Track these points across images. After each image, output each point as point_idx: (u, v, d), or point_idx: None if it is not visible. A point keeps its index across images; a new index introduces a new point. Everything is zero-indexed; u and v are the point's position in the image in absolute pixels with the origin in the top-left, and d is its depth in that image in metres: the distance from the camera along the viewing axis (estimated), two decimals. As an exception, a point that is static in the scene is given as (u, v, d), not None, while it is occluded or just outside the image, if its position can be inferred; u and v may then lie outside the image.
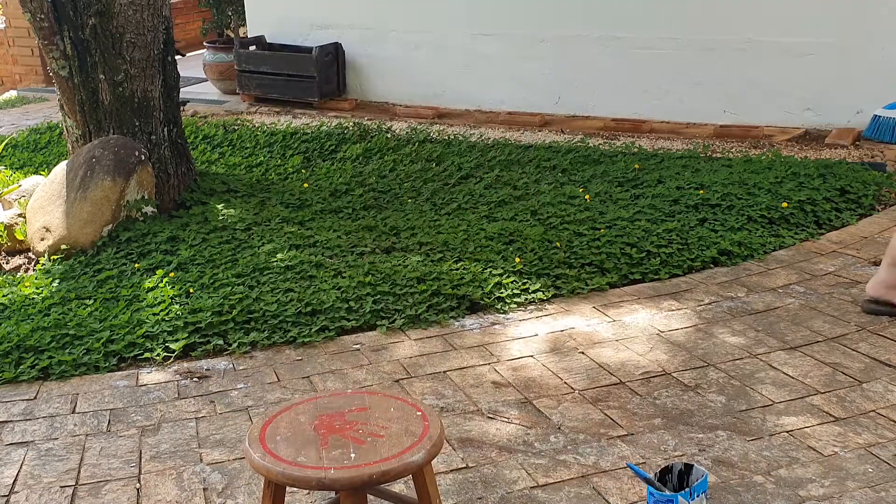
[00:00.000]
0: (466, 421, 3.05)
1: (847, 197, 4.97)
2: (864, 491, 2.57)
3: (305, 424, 2.11)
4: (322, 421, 2.12)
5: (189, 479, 2.78)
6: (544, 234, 4.46)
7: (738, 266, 4.28)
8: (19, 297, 4.09)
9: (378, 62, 7.77)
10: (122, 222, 4.77)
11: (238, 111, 7.87)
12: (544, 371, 3.38)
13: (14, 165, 6.48)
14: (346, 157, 6.24)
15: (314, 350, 3.64)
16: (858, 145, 5.90)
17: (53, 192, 4.84)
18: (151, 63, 5.04)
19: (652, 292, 4.04)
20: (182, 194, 5.25)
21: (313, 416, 2.15)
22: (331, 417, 2.13)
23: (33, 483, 2.79)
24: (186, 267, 4.34)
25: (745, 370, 3.31)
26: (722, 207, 4.79)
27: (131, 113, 5.03)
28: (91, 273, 4.36)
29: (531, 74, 7.13)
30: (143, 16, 4.94)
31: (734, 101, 6.40)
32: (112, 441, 3.02)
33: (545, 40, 7.02)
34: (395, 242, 4.58)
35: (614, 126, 6.70)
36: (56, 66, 4.97)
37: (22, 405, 3.29)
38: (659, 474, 2.32)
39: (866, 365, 3.30)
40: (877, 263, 4.21)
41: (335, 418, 2.13)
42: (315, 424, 2.11)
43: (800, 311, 3.78)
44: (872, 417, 2.96)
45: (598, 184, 5.31)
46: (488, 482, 2.70)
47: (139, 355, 3.62)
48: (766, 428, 2.92)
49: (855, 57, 6.01)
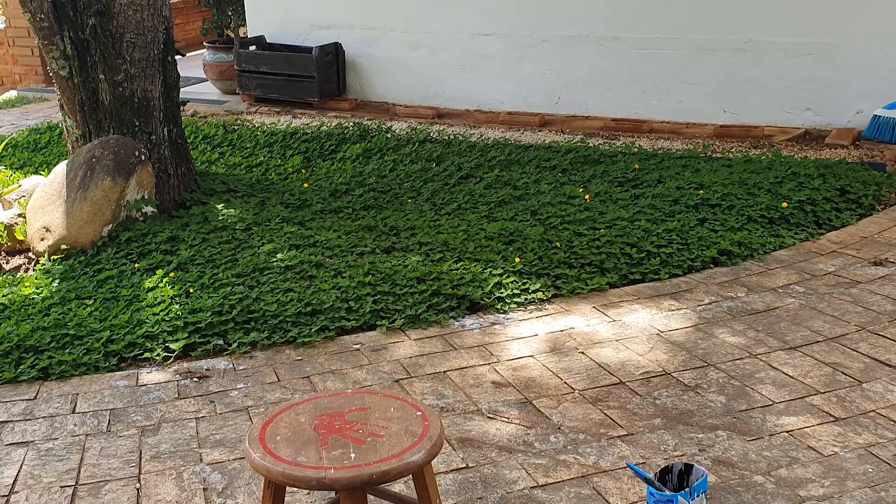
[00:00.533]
0: (466, 421, 3.05)
1: (847, 197, 4.97)
2: (863, 491, 2.57)
3: (305, 424, 2.11)
4: (322, 421, 2.12)
5: (189, 479, 2.79)
6: (544, 234, 4.46)
7: (738, 266, 4.28)
8: (19, 297, 4.09)
9: (378, 62, 7.77)
10: (122, 222, 4.77)
11: (238, 111, 7.87)
12: (544, 371, 3.38)
13: (14, 165, 6.48)
14: (346, 157, 6.24)
15: (314, 350, 3.64)
16: (858, 145, 5.90)
17: (53, 192, 4.84)
18: (151, 63, 5.04)
19: (652, 292, 4.04)
20: (182, 194, 5.25)
21: (313, 416, 2.15)
22: (331, 417, 2.13)
23: (33, 483, 2.79)
24: (186, 267, 4.34)
25: (745, 370, 3.31)
26: (722, 207, 4.79)
27: (131, 113, 5.03)
28: (91, 273, 4.36)
29: (531, 74, 7.13)
30: (143, 16, 4.94)
31: (734, 101, 6.40)
32: (112, 441, 3.02)
33: (545, 40, 7.03)
34: (395, 242, 4.58)
35: (614, 126, 6.70)
36: (56, 66, 4.97)
37: (22, 405, 3.29)
38: (659, 474, 2.32)
39: (866, 365, 3.30)
40: (877, 263, 4.21)
41: (335, 418, 2.13)
42: (315, 424, 2.11)
43: (800, 311, 3.78)
44: (872, 417, 2.96)
45: (598, 184, 5.31)
46: (488, 482, 2.70)
47: (139, 355, 3.62)
48: (766, 428, 2.92)
49: (855, 57, 6.01)
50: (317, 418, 2.13)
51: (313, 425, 2.10)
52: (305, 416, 2.15)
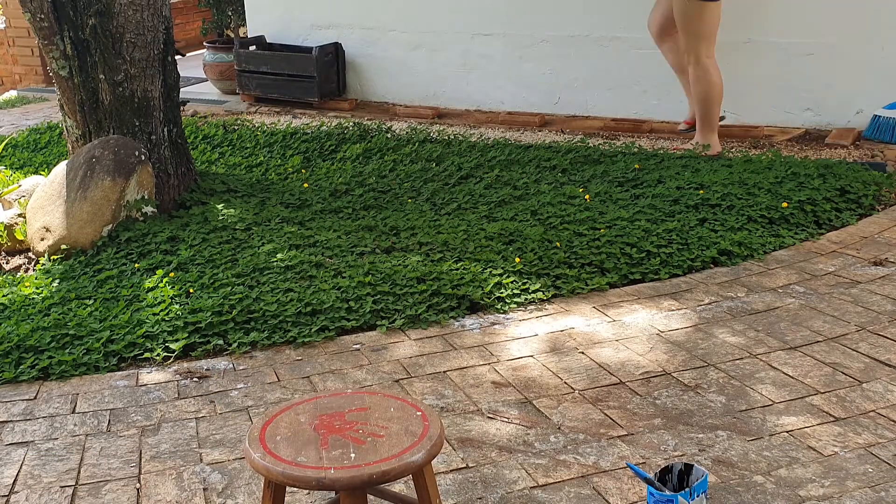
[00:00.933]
0: (466, 421, 3.05)
1: (847, 197, 4.97)
2: (864, 491, 2.57)
3: (305, 424, 2.11)
4: (322, 421, 2.12)
5: (189, 479, 2.78)
6: (544, 234, 4.46)
7: (738, 266, 4.28)
8: (19, 297, 4.09)
9: (378, 62, 7.77)
10: (122, 222, 4.77)
11: (238, 111, 7.87)
12: (544, 371, 3.38)
13: (14, 165, 6.48)
14: (346, 157, 6.24)
15: (314, 350, 3.64)
16: (858, 145, 5.90)
17: (53, 192, 4.84)
18: (151, 63, 5.04)
19: (652, 292, 4.04)
20: (182, 194, 5.25)
21: (313, 416, 2.15)
22: (331, 417, 2.13)
23: (33, 483, 2.79)
24: (186, 267, 4.34)
25: (745, 370, 3.31)
26: (722, 207, 4.79)
27: (131, 113, 5.03)
28: (91, 273, 4.36)
29: (531, 74, 7.13)
30: (143, 16, 4.94)
31: (734, 101, 6.39)
32: (112, 441, 3.02)
33: (545, 40, 7.02)
34: (395, 242, 4.58)
35: (614, 126, 6.70)
36: (56, 66, 4.97)
37: (22, 405, 3.29)
38: (659, 474, 2.32)
39: (866, 365, 3.30)
40: (877, 263, 4.22)
41: (335, 418, 2.13)
42: (315, 424, 2.11)
43: (800, 311, 3.78)
44: (872, 417, 2.96)
45: (598, 184, 5.31)
46: (488, 482, 2.70)
47: (139, 355, 3.62)
48: (766, 428, 2.92)
49: (855, 57, 6.01)
50: (317, 418, 2.13)
51: (313, 425, 2.11)
52: (305, 416, 2.15)
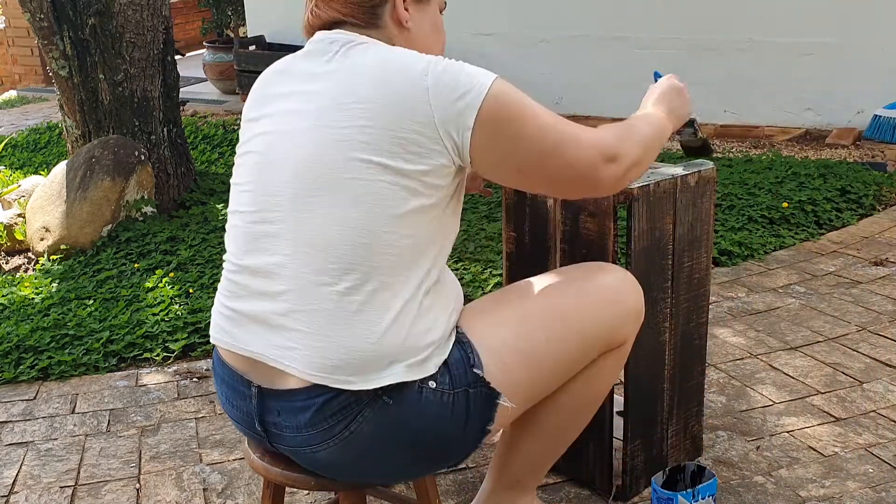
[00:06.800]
0: (466, 421, 3.04)
1: (847, 197, 4.97)
2: (864, 491, 2.56)
3: (305, 425, 2.10)
4: (322, 421, 2.11)
5: (189, 479, 2.78)
6: (544, 234, 4.46)
7: (738, 266, 4.28)
8: (19, 297, 4.09)
9: (378, 62, 7.75)
10: (122, 222, 4.77)
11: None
12: (544, 371, 3.37)
13: (14, 165, 6.48)
14: (346, 157, 6.23)
15: (314, 350, 3.63)
16: (859, 145, 5.90)
17: (53, 192, 4.84)
18: (151, 63, 5.04)
19: (652, 292, 4.04)
20: (182, 194, 5.24)
21: (313, 416, 2.14)
22: (330, 418, 2.12)
23: (33, 483, 2.79)
24: (186, 267, 4.33)
25: (745, 370, 3.31)
26: (722, 207, 4.79)
27: (131, 113, 5.02)
28: (91, 273, 4.36)
29: (531, 74, 7.13)
30: (142, 16, 4.94)
31: (734, 101, 6.40)
32: (112, 441, 3.02)
33: (545, 40, 7.02)
34: (395, 242, 4.57)
35: (614, 126, 6.70)
36: (56, 66, 4.96)
37: (21, 405, 3.29)
38: (669, 472, 2.32)
39: (867, 365, 3.30)
40: (878, 263, 4.21)
41: (335, 418, 2.12)
42: (315, 425, 2.10)
43: (800, 312, 3.78)
44: (873, 418, 2.96)
45: (598, 184, 5.30)
46: (488, 482, 2.69)
47: (139, 355, 3.62)
48: (767, 428, 2.92)
49: (855, 57, 6.01)
50: (316, 418, 2.13)
51: (313, 425, 2.10)
52: (305, 416, 2.14)
